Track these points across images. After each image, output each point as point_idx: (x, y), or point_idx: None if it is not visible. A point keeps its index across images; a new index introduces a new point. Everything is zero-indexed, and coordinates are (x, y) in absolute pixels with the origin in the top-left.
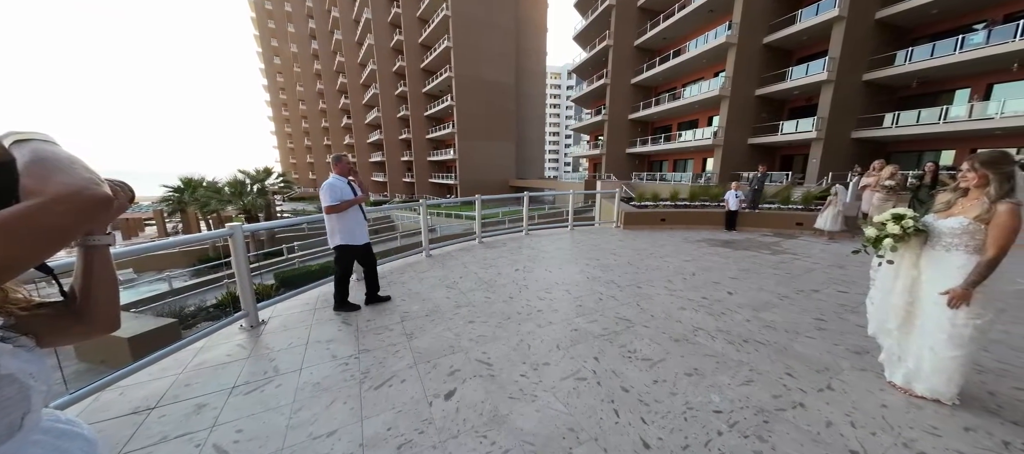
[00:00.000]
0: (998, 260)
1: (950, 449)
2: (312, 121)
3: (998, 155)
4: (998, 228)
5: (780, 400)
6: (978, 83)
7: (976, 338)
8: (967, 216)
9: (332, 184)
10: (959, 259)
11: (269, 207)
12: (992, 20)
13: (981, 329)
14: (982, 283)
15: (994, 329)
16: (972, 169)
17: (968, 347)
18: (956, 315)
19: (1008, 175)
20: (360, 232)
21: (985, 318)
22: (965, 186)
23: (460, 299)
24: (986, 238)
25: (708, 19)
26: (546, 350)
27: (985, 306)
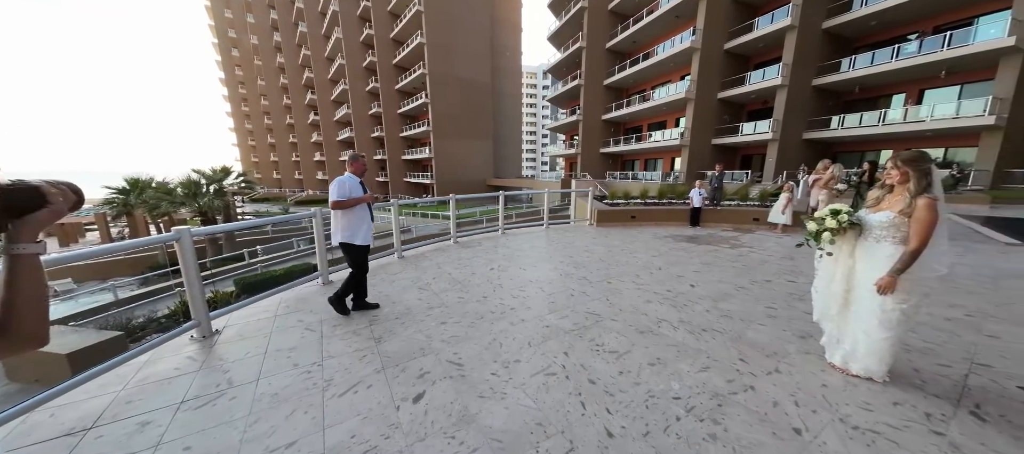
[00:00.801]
0: (920, 251)
1: (880, 423)
2: (276, 117)
3: (917, 155)
4: (918, 222)
5: (733, 384)
6: (912, 89)
7: (903, 321)
8: (892, 210)
9: (342, 181)
10: (887, 249)
11: (228, 209)
12: (923, 32)
13: (907, 313)
14: (906, 271)
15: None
16: (895, 167)
17: (896, 329)
18: (885, 301)
19: (925, 172)
20: (364, 232)
21: (910, 303)
22: (890, 183)
23: (432, 300)
24: (909, 230)
25: (674, 24)
26: (517, 348)
27: (910, 292)
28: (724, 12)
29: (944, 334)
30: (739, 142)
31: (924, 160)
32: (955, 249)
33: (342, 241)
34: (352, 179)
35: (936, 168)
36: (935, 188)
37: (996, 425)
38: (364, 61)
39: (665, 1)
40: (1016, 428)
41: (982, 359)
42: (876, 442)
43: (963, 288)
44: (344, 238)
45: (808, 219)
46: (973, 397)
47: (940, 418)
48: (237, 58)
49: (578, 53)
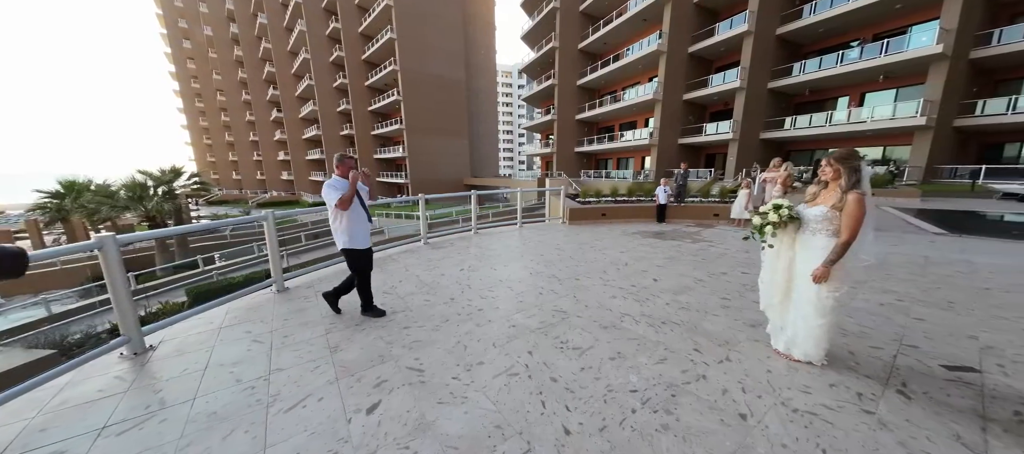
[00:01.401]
0: (850, 242)
1: (818, 404)
2: (234, 114)
3: (847, 153)
4: (848, 216)
5: (687, 374)
6: (854, 92)
7: (837, 308)
8: (826, 205)
9: (332, 183)
10: (822, 241)
11: (180, 212)
12: (864, 39)
13: (840, 300)
14: (838, 261)
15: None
16: (829, 165)
17: (830, 316)
18: (820, 289)
19: (855, 169)
20: (362, 235)
21: (842, 290)
22: (825, 179)
23: (397, 304)
24: (841, 223)
25: (642, 27)
26: (482, 349)
27: (842, 280)
28: (688, 17)
29: (877, 318)
30: (703, 142)
31: (854, 158)
32: (890, 239)
33: (346, 247)
34: (340, 182)
35: (865, 165)
36: (864, 184)
37: (919, 402)
38: (331, 56)
39: (633, 4)
40: (936, 404)
41: (909, 340)
42: (813, 423)
43: (895, 275)
44: (347, 243)
45: (753, 214)
46: (900, 376)
47: (871, 397)
48: (189, 50)
49: (551, 53)
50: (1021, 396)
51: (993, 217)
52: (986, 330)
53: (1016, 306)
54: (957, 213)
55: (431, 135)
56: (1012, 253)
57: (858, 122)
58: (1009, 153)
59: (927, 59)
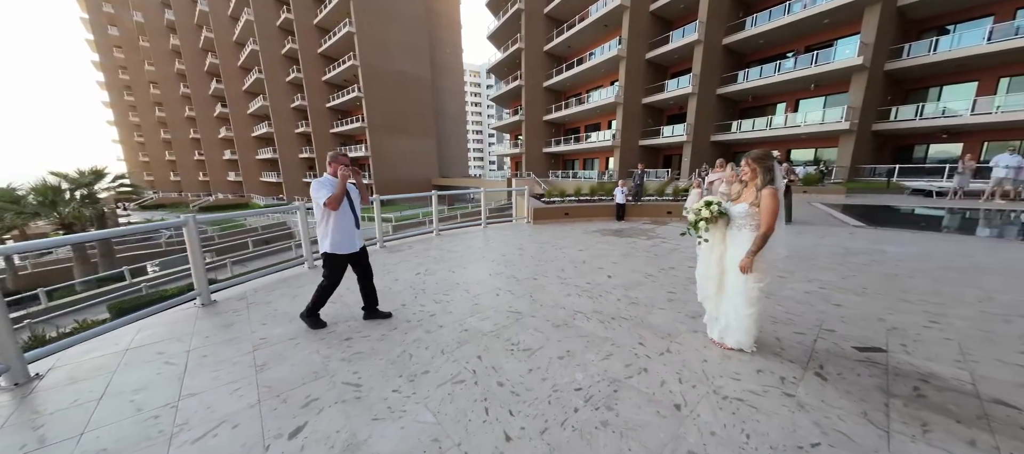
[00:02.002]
0: (767, 235)
1: (745, 390)
2: (171, 109)
3: (761, 154)
4: (764, 210)
5: (630, 368)
6: (790, 99)
7: (762, 298)
8: (746, 202)
9: (322, 181)
10: (747, 235)
11: (103, 218)
12: (797, 51)
13: (764, 291)
14: (760, 253)
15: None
16: (747, 165)
17: (758, 305)
18: (748, 280)
19: (769, 168)
20: (348, 240)
21: (766, 281)
22: (745, 179)
23: (340, 314)
24: (759, 217)
25: (603, 33)
26: (429, 358)
27: (766, 271)
28: (645, 24)
29: (802, 305)
30: (661, 143)
31: (767, 158)
32: (818, 232)
33: (328, 252)
34: (331, 181)
35: (777, 164)
36: (777, 181)
37: (834, 383)
38: (283, 48)
39: (594, 10)
40: (848, 383)
41: (828, 325)
42: (740, 410)
43: (820, 265)
44: (330, 248)
45: (688, 212)
46: (819, 359)
47: (792, 381)
48: (117, 38)
49: (517, 54)
50: (919, 372)
51: (904, 211)
52: (892, 313)
53: (918, 290)
54: (875, 208)
55: (396, 134)
56: (916, 242)
57: (793, 126)
58: (918, 154)
59: (849, 70)
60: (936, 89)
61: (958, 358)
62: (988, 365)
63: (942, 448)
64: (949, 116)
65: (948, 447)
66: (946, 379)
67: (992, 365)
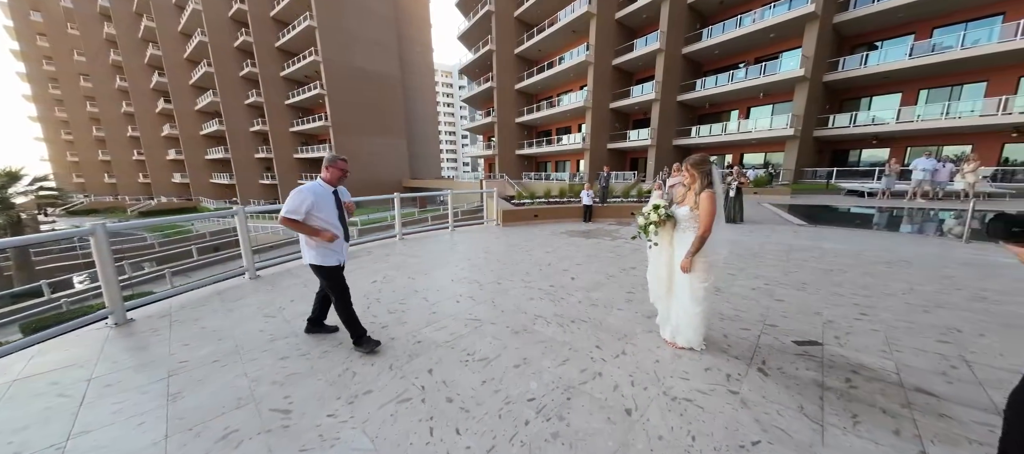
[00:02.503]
0: (705, 236)
1: (693, 390)
2: (105, 104)
3: (698, 158)
4: (702, 213)
5: (586, 373)
6: (742, 107)
7: (707, 297)
8: (687, 205)
9: (302, 190)
10: (691, 237)
11: (19, 225)
12: (748, 62)
13: (709, 290)
14: (701, 253)
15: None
16: (686, 170)
17: (704, 304)
18: (692, 280)
19: (706, 172)
20: (334, 249)
21: (710, 280)
22: (685, 183)
23: (279, 330)
24: (699, 218)
25: (572, 38)
26: (374, 375)
27: (709, 271)
28: (611, 32)
29: (748, 301)
30: (627, 147)
31: (704, 163)
32: (765, 231)
33: (313, 263)
34: (322, 188)
35: (715, 168)
36: (715, 184)
37: (775, 378)
38: (236, 41)
39: (563, 16)
40: (787, 378)
41: (771, 320)
42: (687, 411)
43: (767, 262)
44: (315, 259)
45: (638, 214)
46: (762, 354)
47: (737, 378)
48: (40, 24)
49: (489, 55)
50: (851, 364)
51: (841, 210)
52: (827, 306)
53: (850, 283)
54: (815, 207)
55: (364, 134)
56: (850, 239)
57: (746, 132)
58: (853, 158)
59: (793, 80)
60: (867, 99)
61: (884, 349)
62: (910, 354)
63: (870, 439)
64: (878, 124)
65: (876, 438)
66: (874, 370)
67: (914, 354)
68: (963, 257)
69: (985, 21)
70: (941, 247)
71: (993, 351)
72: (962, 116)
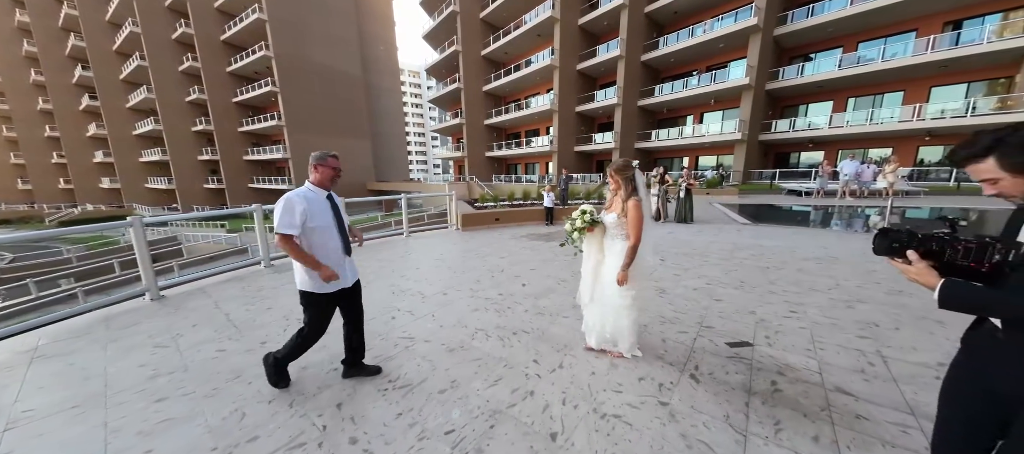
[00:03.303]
0: (636, 246)
1: (624, 404)
2: (17, 101)
3: (623, 164)
4: (630, 221)
5: (516, 393)
6: (697, 112)
7: (635, 305)
8: (614, 212)
9: (291, 199)
10: (619, 244)
11: None
12: (700, 70)
13: (636, 297)
14: (632, 263)
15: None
16: (610, 176)
17: (632, 312)
18: (620, 288)
19: (630, 179)
20: (336, 270)
21: (637, 288)
22: (612, 189)
23: (166, 364)
24: (627, 228)
25: (537, 42)
26: (267, 415)
27: (637, 279)
28: (574, 37)
29: (689, 302)
30: (593, 149)
31: (628, 169)
32: (713, 230)
33: (304, 289)
34: (313, 193)
35: (639, 174)
36: (640, 191)
37: (705, 384)
38: (174, 32)
39: (528, 19)
40: (717, 384)
41: (708, 322)
42: (615, 429)
43: (711, 261)
44: (308, 285)
45: (566, 219)
46: (695, 359)
47: (668, 387)
48: None
49: (455, 55)
50: (777, 365)
51: (781, 208)
52: (761, 304)
53: (783, 281)
54: (761, 206)
55: (323, 134)
56: (787, 237)
57: (700, 136)
58: (793, 160)
59: (740, 88)
60: (804, 106)
61: (809, 347)
62: (832, 352)
63: (790, 448)
64: (813, 129)
65: (796, 446)
66: (798, 370)
67: (835, 352)
68: None
69: (901, 36)
70: (865, 242)
71: (907, 345)
72: (883, 122)
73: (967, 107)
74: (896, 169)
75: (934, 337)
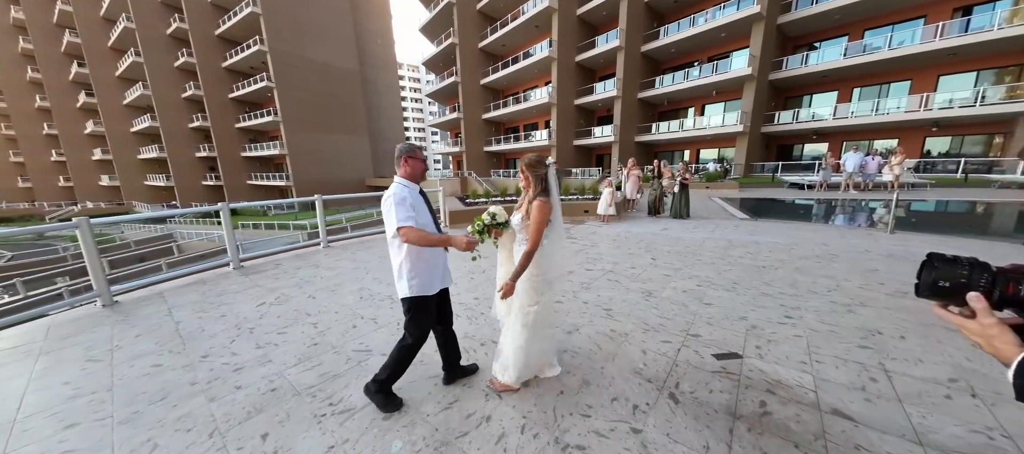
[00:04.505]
0: (532, 252)
1: (591, 431)
2: (15, 99)
3: (534, 159)
4: (533, 222)
5: (472, 418)
6: (698, 104)
7: (538, 323)
8: (521, 212)
9: (398, 193)
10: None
11: None
12: (701, 61)
13: (538, 314)
14: (532, 273)
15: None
16: (521, 171)
17: (532, 331)
18: (521, 302)
19: (541, 177)
20: (437, 274)
21: (541, 303)
22: (523, 186)
23: (92, 381)
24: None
25: (535, 34)
26: (185, 444)
27: (541, 292)
28: (572, 28)
29: (677, 306)
30: (593, 143)
31: (540, 165)
32: (709, 226)
33: (417, 295)
34: (408, 188)
35: (552, 172)
36: (551, 192)
37: (685, 406)
38: (169, 27)
39: (526, 10)
40: (699, 405)
41: (695, 330)
42: None
43: (704, 260)
44: (420, 289)
45: (477, 220)
46: (677, 374)
47: (644, 410)
48: None
49: (452, 48)
50: (768, 381)
51: (782, 202)
52: (754, 308)
53: (780, 281)
54: (762, 201)
55: (320, 130)
56: (786, 233)
57: (701, 128)
58: (796, 153)
59: (742, 79)
60: (808, 97)
61: (804, 359)
62: (830, 365)
63: None
64: (817, 120)
65: None
66: (791, 387)
67: (833, 365)
68: (888, 248)
69: (909, 23)
70: (868, 239)
71: (912, 356)
72: (890, 112)
73: (976, 96)
74: (902, 161)
75: (943, 347)
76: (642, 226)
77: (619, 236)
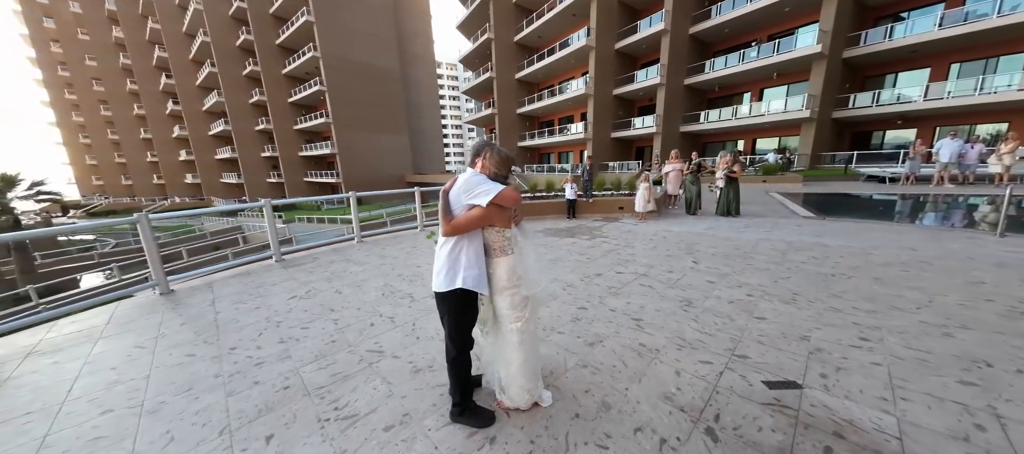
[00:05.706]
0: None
1: None
2: (118, 107)
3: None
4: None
5: (474, 439)
6: (755, 88)
7: (525, 340)
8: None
9: (477, 174)
10: (499, 259)
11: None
12: (760, 40)
13: (523, 331)
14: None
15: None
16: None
17: (523, 349)
18: (504, 319)
19: (503, 178)
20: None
21: (524, 320)
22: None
23: (134, 369)
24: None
25: (572, 22)
26: (190, 444)
27: (523, 308)
28: (612, 13)
29: (722, 319)
30: (632, 135)
31: (507, 163)
32: (765, 225)
33: (471, 288)
34: (490, 185)
35: (516, 171)
36: (511, 181)
37: (726, 446)
38: (238, 39)
39: None
40: (743, 445)
41: (742, 348)
42: None
43: (756, 265)
44: (474, 283)
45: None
46: (718, 404)
47: (673, 446)
48: (53, 30)
49: (487, 44)
50: (836, 420)
51: (857, 198)
52: (819, 326)
53: (852, 294)
54: (832, 196)
55: (364, 129)
56: (861, 234)
57: (758, 115)
58: (875, 141)
59: (810, 58)
60: (892, 76)
61: (885, 394)
62: (919, 404)
63: None
64: (904, 102)
65: None
66: (866, 431)
67: (924, 404)
68: (997, 256)
69: None
70: (970, 243)
71: None
72: (998, 91)
73: None
74: (1015, 149)
75: None
76: (684, 225)
77: (657, 235)
